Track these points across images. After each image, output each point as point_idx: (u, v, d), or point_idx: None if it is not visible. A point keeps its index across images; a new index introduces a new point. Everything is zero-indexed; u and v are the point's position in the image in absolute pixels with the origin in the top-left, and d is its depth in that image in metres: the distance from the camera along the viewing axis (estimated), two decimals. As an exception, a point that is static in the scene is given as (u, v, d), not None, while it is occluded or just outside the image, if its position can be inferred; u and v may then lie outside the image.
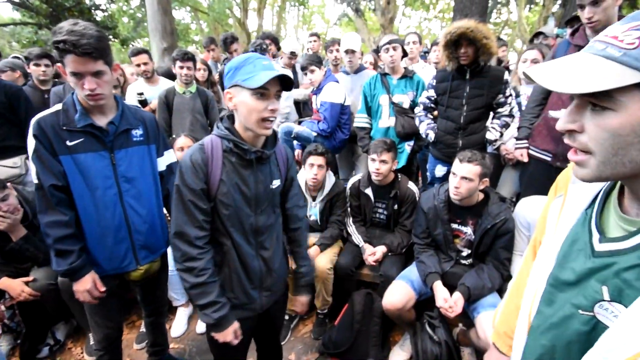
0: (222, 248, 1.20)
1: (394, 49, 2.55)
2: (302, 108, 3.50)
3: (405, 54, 2.75)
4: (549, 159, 2.07)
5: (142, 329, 2.21)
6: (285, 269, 1.40)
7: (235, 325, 1.20)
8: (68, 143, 1.29)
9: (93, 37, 1.19)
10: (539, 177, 2.15)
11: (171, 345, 2.12)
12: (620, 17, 1.80)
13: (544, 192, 2.36)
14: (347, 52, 2.92)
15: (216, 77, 3.85)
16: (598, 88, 0.46)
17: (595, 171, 0.51)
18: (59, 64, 1.26)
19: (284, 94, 3.03)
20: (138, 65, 3.12)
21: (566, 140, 0.54)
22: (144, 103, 3.03)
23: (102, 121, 1.35)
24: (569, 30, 2.72)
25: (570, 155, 0.55)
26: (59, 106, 1.33)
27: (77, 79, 1.23)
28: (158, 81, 3.26)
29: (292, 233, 1.43)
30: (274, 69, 1.08)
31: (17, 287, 1.87)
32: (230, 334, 1.18)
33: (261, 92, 1.06)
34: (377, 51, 5.28)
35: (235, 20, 14.93)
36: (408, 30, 17.70)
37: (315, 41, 4.06)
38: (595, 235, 0.58)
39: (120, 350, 1.70)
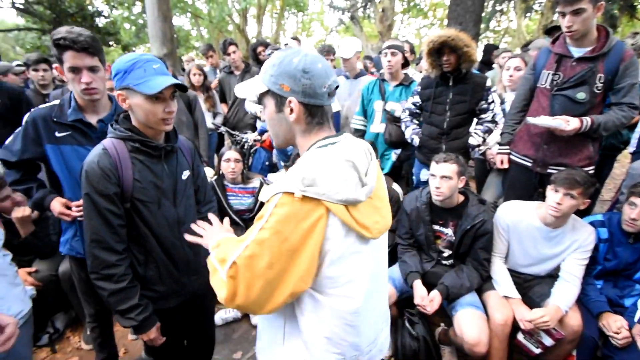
0: (146, 247, 1.23)
1: (393, 54, 2.50)
2: None
3: (406, 61, 2.68)
4: (529, 164, 2.12)
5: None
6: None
7: (158, 324, 1.25)
8: (57, 134, 1.40)
9: (89, 36, 1.31)
10: (519, 182, 2.21)
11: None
12: (613, 26, 1.85)
13: (524, 196, 2.37)
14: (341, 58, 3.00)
15: (215, 82, 3.98)
16: (249, 95, 0.91)
17: (275, 143, 0.93)
18: (56, 65, 1.36)
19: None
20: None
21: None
22: None
23: (93, 119, 1.44)
24: (549, 39, 2.80)
25: None
26: (57, 101, 1.45)
27: (74, 74, 1.32)
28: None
29: (204, 214, 1.41)
30: (166, 73, 1.14)
31: (21, 276, 1.95)
32: (154, 333, 1.23)
33: (156, 96, 1.11)
34: (371, 58, 5.39)
35: (234, 27, 15.14)
36: (404, 37, 17.87)
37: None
38: None
39: (111, 322, 1.81)
